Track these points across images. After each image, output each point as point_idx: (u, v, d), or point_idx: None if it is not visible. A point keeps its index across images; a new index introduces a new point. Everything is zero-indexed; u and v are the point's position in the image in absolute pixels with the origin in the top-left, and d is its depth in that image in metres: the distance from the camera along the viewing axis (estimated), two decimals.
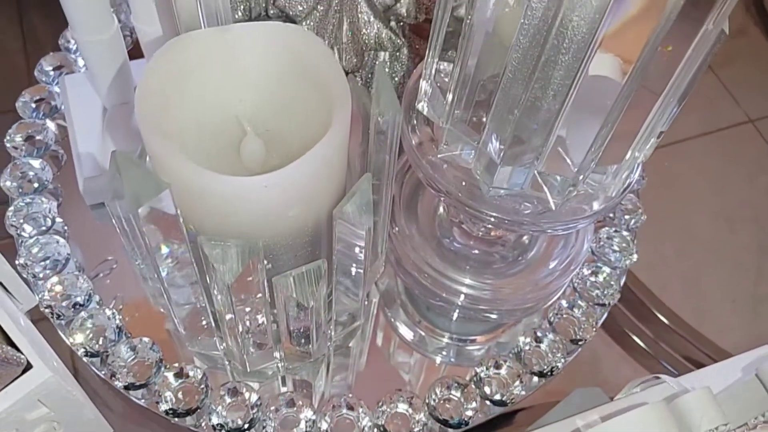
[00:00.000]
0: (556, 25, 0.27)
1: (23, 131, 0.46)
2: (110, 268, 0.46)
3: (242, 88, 0.33)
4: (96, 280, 0.45)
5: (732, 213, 0.58)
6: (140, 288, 0.44)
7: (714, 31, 0.27)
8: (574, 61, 0.28)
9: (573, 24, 0.27)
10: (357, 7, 0.41)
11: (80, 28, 0.39)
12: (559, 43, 0.28)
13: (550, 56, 0.28)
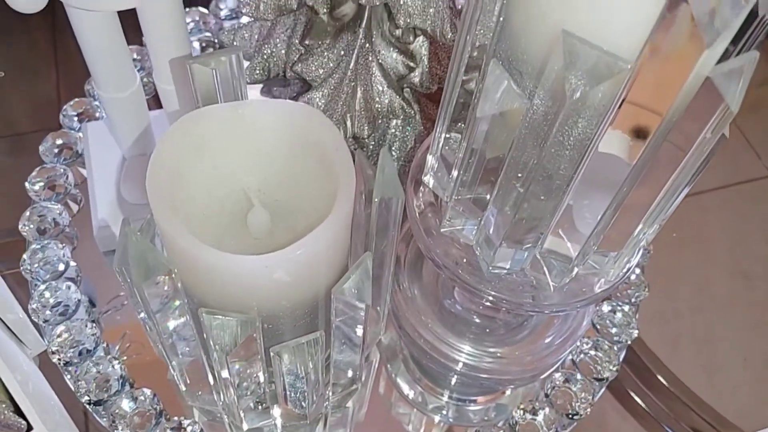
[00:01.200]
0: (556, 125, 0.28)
1: (44, 176, 0.48)
2: (121, 304, 0.47)
3: (252, 160, 0.34)
4: (106, 315, 0.46)
5: (748, 269, 0.57)
6: None
7: (713, 138, 0.28)
8: (578, 151, 0.28)
9: (577, 125, 0.27)
10: (371, 77, 0.42)
11: (103, 85, 0.41)
12: (564, 139, 0.28)
13: (551, 150, 0.29)
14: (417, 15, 0.38)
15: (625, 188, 0.30)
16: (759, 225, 0.60)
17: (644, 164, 0.29)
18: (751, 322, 0.54)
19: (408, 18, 0.38)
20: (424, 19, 0.38)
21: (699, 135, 0.27)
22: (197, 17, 0.57)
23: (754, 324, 0.54)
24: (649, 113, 0.28)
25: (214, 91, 0.34)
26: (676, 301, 0.54)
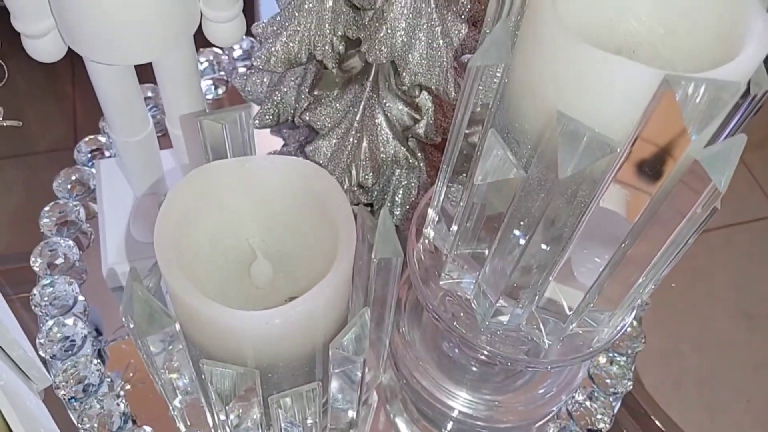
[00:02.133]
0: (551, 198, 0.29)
1: (56, 212, 0.49)
2: (127, 334, 0.48)
3: (257, 212, 0.35)
4: (112, 344, 0.47)
5: (751, 309, 0.57)
6: None
7: (703, 213, 0.29)
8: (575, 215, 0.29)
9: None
10: (377, 127, 0.43)
11: (117, 130, 0.42)
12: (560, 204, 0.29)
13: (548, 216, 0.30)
14: (422, 74, 0.39)
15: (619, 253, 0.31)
16: (764, 265, 0.60)
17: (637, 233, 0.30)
18: (754, 363, 0.54)
19: (413, 76, 0.39)
20: (429, 77, 0.39)
21: (688, 211, 0.28)
22: (211, 57, 0.58)
23: (757, 365, 0.54)
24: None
25: (223, 145, 0.35)
26: (679, 340, 0.54)
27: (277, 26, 0.41)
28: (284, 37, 0.40)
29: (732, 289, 0.58)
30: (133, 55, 0.36)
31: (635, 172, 0.26)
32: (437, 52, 0.38)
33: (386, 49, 0.38)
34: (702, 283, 0.59)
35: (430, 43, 0.38)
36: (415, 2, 0.38)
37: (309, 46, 0.40)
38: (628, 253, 0.31)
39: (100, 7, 0.33)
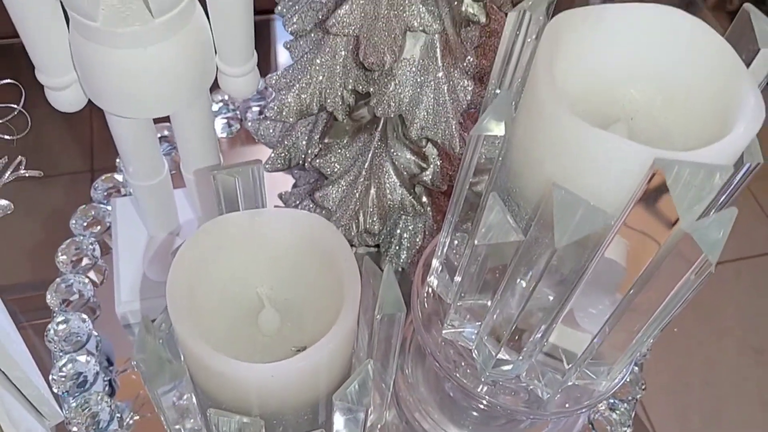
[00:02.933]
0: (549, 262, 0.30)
1: (73, 248, 0.50)
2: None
3: (266, 263, 0.36)
4: (123, 375, 0.48)
5: (760, 344, 0.57)
6: None
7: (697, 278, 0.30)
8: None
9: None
10: (384, 175, 0.44)
11: (133, 174, 0.44)
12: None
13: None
14: (428, 128, 0.40)
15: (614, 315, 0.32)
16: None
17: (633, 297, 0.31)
18: (762, 399, 0.54)
19: (420, 130, 0.40)
20: (435, 132, 0.40)
21: (680, 279, 0.29)
22: (225, 96, 0.60)
23: (765, 401, 0.54)
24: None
25: (236, 198, 0.36)
26: (686, 374, 0.54)
27: (290, 78, 0.42)
28: (296, 89, 0.42)
29: (740, 323, 0.58)
30: (151, 110, 0.37)
31: (631, 236, 0.27)
32: (443, 108, 0.39)
33: (394, 105, 0.40)
34: (710, 318, 0.59)
35: (436, 99, 0.40)
36: (422, 60, 0.39)
37: (320, 99, 0.42)
38: (621, 317, 0.32)
39: (120, 67, 0.34)
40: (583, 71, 0.31)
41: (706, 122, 0.30)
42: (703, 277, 0.30)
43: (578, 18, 0.30)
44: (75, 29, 0.34)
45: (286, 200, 0.52)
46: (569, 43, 0.30)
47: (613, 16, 0.30)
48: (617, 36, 0.30)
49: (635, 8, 0.30)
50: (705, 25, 0.30)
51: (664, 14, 0.30)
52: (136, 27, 0.33)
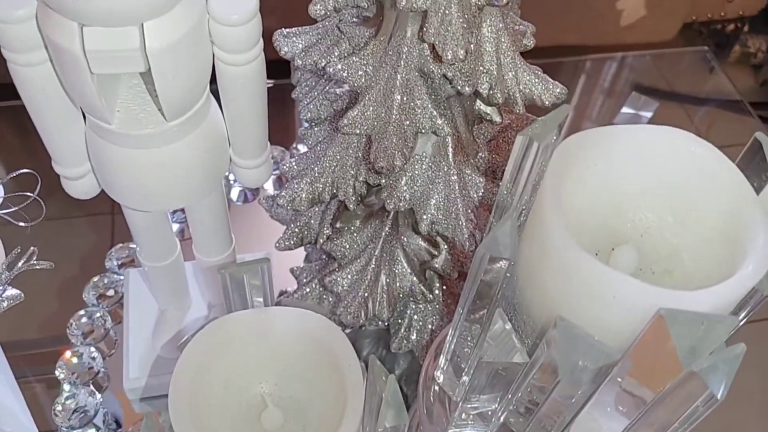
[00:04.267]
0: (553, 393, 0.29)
1: (84, 320, 0.51)
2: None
3: (270, 360, 0.36)
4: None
5: None
6: None
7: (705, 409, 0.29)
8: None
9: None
10: (395, 261, 0.44)
11: (146, 256, 0.44)
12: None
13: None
14: (438, 223, 0.40)
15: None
16: None
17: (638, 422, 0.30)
18: None
19: (430, 225, 0.40)
20: (445, 227, 0.40)
21: (687, 409, 0.28)
22: None
23: None
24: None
25: (244, 294, 0.36)
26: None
27: (303, 166, 0.43)
28: (309, 178, 0.42)
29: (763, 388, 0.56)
30: (164, 205, 0.38)
31: (636, 372, 0.27)
32: (453, 205, 0.39)
33: (405, 199, 0.40)
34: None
35: (447, 195, 0.40)
36: (434, 157, 0.39)
37: (332, 188, 0.42)
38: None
39: (134, 165, 0.35)
40: (594, 187, 0.31)
41: (716, 246, 0.30)
42: (711, 408, 0.30)
43: (590, 139, 0.30)
44: (90, 128, 0.35)
45: (297, 275, 0.52)
46: (580, 162, 0.30)
47: (625, 136, 0.30)
48: (629, 156, 0.30)
49: (647, 130, 0.30)
50: (716, 151, 0.30)
51: (676, 137, 0.30)
52: (150, 129, 0.33)
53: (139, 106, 0.33)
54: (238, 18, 0.32)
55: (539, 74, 0.37)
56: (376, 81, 0.36)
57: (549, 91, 0.37)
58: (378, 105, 0.36)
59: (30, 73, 0.33)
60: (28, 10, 0.30)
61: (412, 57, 0.35)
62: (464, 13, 0.32)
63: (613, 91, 0.93)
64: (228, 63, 0.34)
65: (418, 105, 0.36)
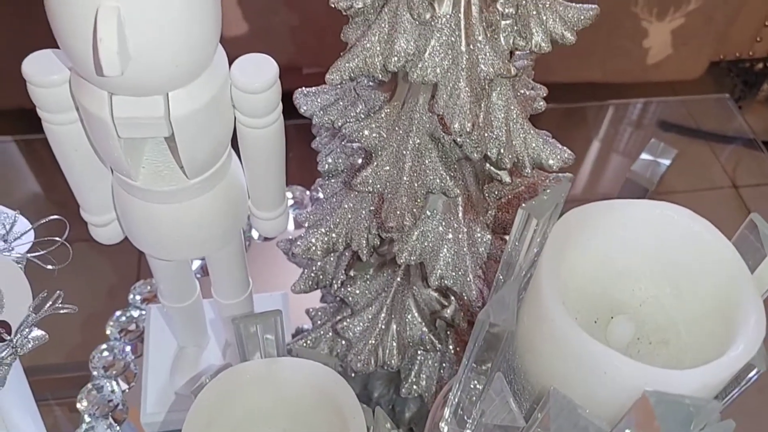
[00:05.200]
0: None
1: (105, 354, 0.53)
2: None
3: (279, 409, 0.38)
4: None
5: None
6: None
7: None
8: None
9: None
10: (405, 310, 0.46)
11: (167, 298, 0.46)
12: None
13: None
14: (447, 278, 0.41)
15: None
16: None
17: None
18: None
19: (439, 280, 0.42)
20: (453, 282, 0.42)
21: None
22: None
23: None
24: None
25: (257, 344, 0.38)
26: None
27: (319, 217, 0.44)
28: (324, 228, 0.43)
29: None
30: (184, 254, 0.40)
31: None
32: (462, 261, 0.41)
33: (415, 254, 0.41)
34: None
35: (456, 252, 0.41)
36: (444, 214, 0.41)
37: (346, 239, 0.43)
38: None
39: (156, 218, 0.37)
40: (595, 258, 0.32)
41: (711, 320, 0.31)
42: None
43: (589, 213, 0.31)
44: (116, 181, 0.37)
45: (312, 316, 0.53)
46: (581, 234, 0.31)
47: (624, 211, 0.31)
48: (629, 229, 0.31)
49: (646, 205, 0.31)
50: (713, 228, 0.31)
51: (674, 214, 0.31)
52: (172, 186, 0.35)
53: (163, 164, 0.35)
54: (259, 86, 0.34)
55: (548, 139, 0.38)
56: (389, 143, 0.37)
57: (557, 156, 0.38)
58: (390, 166, 0.38)
59: (62, 131, 0.35)
60: (62, 76, 0.33)
61: (424, 123, 0.36)
62: (473, 87, 0.33)
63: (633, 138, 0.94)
64: (248, 126, 0.35)
65: (428, 167, 0.38)
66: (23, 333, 0.38)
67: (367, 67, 0.34)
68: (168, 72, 0.30)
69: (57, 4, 0.28)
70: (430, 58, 0.33)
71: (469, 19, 0.32)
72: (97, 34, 0.26)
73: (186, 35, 0.29)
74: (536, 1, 0.34)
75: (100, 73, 0.27)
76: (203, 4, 0.29)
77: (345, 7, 0.34)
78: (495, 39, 0.33)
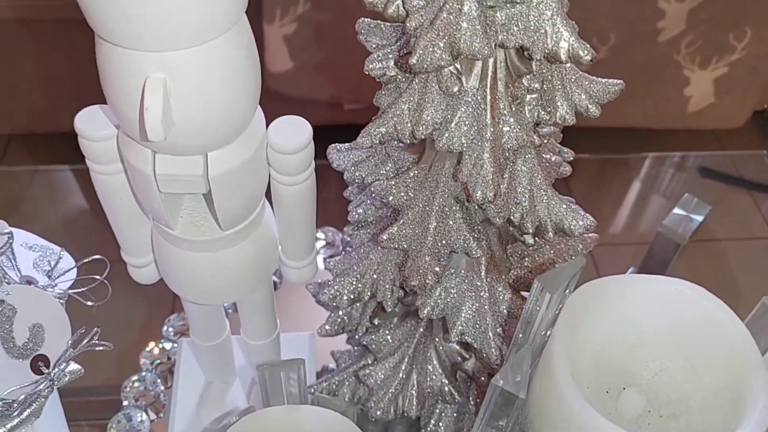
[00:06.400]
0: None
1: (137, 384, 0.55)
2: None
3: None
4: None
5: None
6: None
7: None
8: None
9: None
10: (427, 361, 0.47)
11: (196, 335, 0.48)
12: None
13: None
14: (468, 334, 0.42)
15: None
16: None
17: None
18: None
19: (459, 335, 0.43)
20: (473, 338, 0.42)
21: None
22: None
23: None
24: None
25: (280, 388, 0.39)
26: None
27: (347, 266, 0.46)
28: (351, 278, 0.45)
29: None
30: (217, 299, 0.42)
31: None
32: (482, 319, 0.42)
33: (438, 309, 0.42)
34: None
35: (477, 309, 0.42)
36: (467, 272, 0.42)
37: (372, 289, 0.45)
38: None
39: (191, 265, 0.39)
40: (609, 330, 0.33)
41: (722, 398, 0.31)
42: None
43: (604, 287, 0.32)
44: (155, 228, 0.39)
45: (337, 359, 0.55)
46: (595, 307, 0.32)
47: (638, 286, 0.32)
48: (643, 304, 0.32)
49: (660, 281, 0.32)
50: (725, 307, 0.31)
51: (687, 291, 0.32)
52: (208, 236, 0.37)
53: (200, 215, 0.37)
54: (293, 148, 0.35)
55: (571, 205, 0.39)
56: (415, 203, 0.39)
57: (579, 222, 0.39)
58: (415, 225, 0.39)
59: (108, 180, 0.37)
60: (109, 132, 0.35)
61: (449, 186, 0.38)
62: (496, 158, 0.34)
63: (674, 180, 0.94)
64: (282, 183, 0.37)
65: (452, 228, 0.39)
66: (60, 367, 0.40)
67: (397, 132, 0.36)
68: (208, 136, 0.32)
69: (109, 72, 0.30)
70: (457, 129, 0.34)
71: (494, 94, 0.34)
72: (144, 103, 0.28)
73: (226, 104, 0.31)
74: (562, 76, 0.35)
75: (145, 138, 0.29)
76: (243, 76, 0.31)
77: (378, 74, 0.36)
78: (520, 112, 0.35)
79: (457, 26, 0.31)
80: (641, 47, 1.17)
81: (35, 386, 0.39)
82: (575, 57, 0.32)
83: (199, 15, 0.28)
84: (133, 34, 0.27)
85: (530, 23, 0.31)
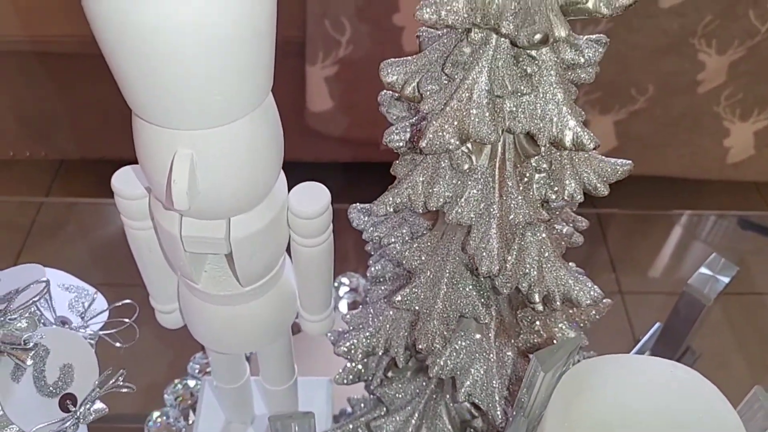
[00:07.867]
0: None
1: (159, 421, 0.57)
2: None
3: None
4: None
5: None
6: None
7: None
8: None
9: None
10: (437, 417, 0.48)
11: (218, 379, 0.50)
12: None
13: None
14: (475, 396, 0.44)
15: None
16: None
17: None
18: None
19: (467, 396, 0.44)
20: (480, 400, 0.44)
21: None
22: None
23: None
24: None
25: None
26: None
27: (362, 320, 0.47)
28: (366, 333, 0.46)
29: None
30: (237, 349, 0.44)
31: None
32: (490, 382, 0.43)
33: (447, 369, 0.44)
34: None
35: (486, 372, 0.43)
36: (476, 336, 0.43)
37: (386, 344, 0.46)
38: None
39: (213, 317, 0.41)
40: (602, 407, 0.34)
41: None
42: None
43: (599, 367, 0.33)
44: (181, 280, 0.41)
45: (353, 405, 0.56)
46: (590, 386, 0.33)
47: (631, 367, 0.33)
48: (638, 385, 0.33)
49: (653, 363, 0.33)
50: (718, 393, 0.32)
51: (684, 375, 0.33)
52: (229, 291, 0.39)
53: (222, 272, 0.40)
54: (313, 213, 0.38)
55: (579, 277, 0.41)
56: (427, 267, 0.41)
57: (586, 293, 0.40)
58: (427, 289, 0.41)
59: (140, 235, 0.39)
60: (143, 191, 0.37)
61: (460, 254, 0.39)
62: (503, 233, 0.36)
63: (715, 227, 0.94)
64: (301, 245, 0.39)
65: (462, 294, 0.40)
66: (86, 406, 0.42)
67: (411, 203, 0.38)
68: (231, 204, 0.34)
69: (143, 144, 0.32)
70: (466, 204, 0.36)
71: (503, 172, 0.35)
72: (172, 175, 0.31)
73: (250, 176, 0.33)
74: (571, 157, 0.37)
75: (171, 206, 0.32)
76: (267, 149, 0.33)
77: (396, 146, 0.38)
78: (528, 190, 0.36)
79: (467, 113, 0.32)
80: (680, 98, 1.17)
81: (62, 424, 0.41)
82: (579, 144, 0.33)
83: (228, 100, 0.30)
84: (165, 116, 0.30)
85: (537, 111, 0.33)
